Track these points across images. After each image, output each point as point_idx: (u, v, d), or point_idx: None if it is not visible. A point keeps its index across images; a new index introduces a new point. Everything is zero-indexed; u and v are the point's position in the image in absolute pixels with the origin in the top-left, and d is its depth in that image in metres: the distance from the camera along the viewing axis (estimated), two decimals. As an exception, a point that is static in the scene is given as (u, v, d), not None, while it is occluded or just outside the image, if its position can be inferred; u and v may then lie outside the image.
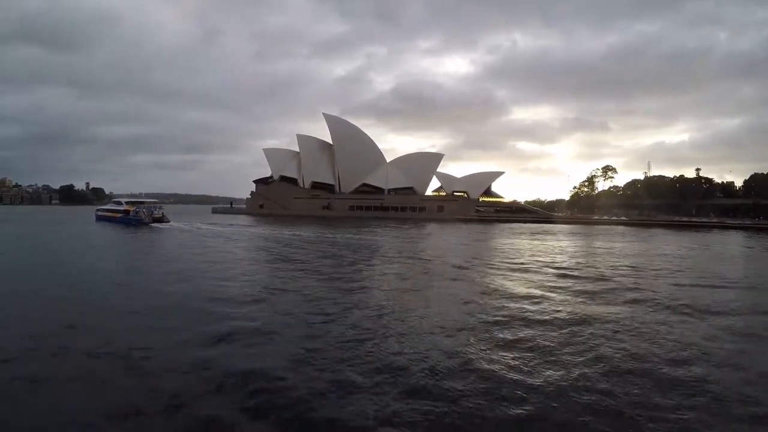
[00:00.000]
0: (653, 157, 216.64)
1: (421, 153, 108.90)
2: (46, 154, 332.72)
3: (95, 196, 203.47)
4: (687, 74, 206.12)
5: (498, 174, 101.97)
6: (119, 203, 57.42)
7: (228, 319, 10.77)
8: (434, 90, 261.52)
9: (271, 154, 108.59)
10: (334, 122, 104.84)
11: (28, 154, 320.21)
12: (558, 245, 34.50)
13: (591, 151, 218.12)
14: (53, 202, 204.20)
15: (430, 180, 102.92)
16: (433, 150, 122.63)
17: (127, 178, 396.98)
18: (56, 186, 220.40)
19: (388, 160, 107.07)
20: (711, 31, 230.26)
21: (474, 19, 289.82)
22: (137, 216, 50.18)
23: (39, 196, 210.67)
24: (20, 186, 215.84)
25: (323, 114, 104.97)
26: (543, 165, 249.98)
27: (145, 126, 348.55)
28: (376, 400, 6.43)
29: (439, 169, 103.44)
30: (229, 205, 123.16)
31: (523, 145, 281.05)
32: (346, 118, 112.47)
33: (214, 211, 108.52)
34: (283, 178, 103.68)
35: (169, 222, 50.54)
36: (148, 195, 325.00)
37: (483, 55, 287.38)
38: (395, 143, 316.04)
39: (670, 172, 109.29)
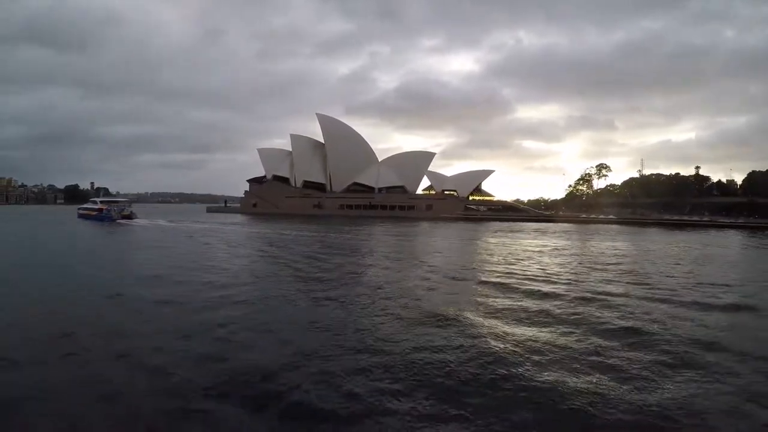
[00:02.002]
0: (660, 156, 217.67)
1: (413, 152, 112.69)
2: (51, 154, 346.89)
3: (99, 195, 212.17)
4: (693, 72, 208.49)
5: (488, 172, 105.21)
6: (95, 202, 66.10)
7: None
8: (438, 88, 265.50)
9: (264, 153, 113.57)
10: (326, 122, 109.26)
11: (34, 155, 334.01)
12: (496, 241, 38.23)
13: (597, 150, 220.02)
14: (58, 201, 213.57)
15: (421, 179, 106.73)
16: (439, 149, 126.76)
17: (132, 178, 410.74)
18: (61, 186, 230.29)
19: (380, 159, 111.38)
20: (717, 28, 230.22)
21: (477, 17, 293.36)
22: (108, 214, 58.99)
23: (44, 196, 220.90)
24: (26, 186, 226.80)
25: (316, 114, 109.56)
26: (548, 164, 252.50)
27: (150, 126, 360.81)
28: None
29: (441, 169, 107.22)
30: (224, 204, 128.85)
31: (529, 144, 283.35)
32: (350, 117, 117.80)
33: (209, 210, 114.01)
34: (276, 178, 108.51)
35: (136, 219, 59.37)
36: (153, 194, 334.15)
37: (487, 53, 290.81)
38: (400, 142, 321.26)
39: (678, 171, 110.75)
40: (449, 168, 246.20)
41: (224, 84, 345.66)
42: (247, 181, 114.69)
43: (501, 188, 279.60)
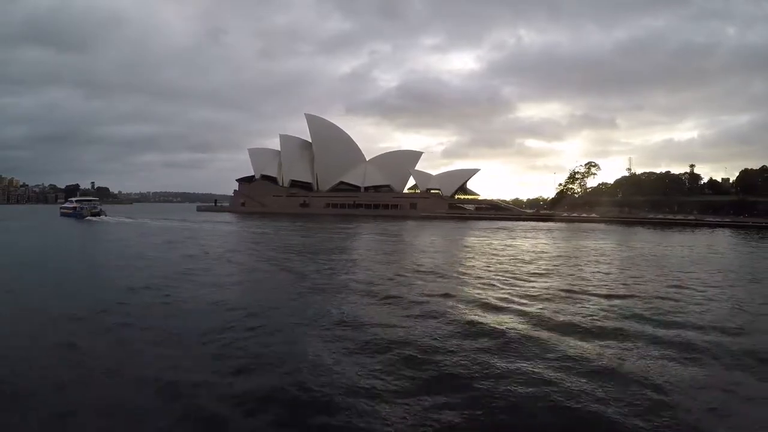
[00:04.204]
0: (662, 155, 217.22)
1: (400, 151, 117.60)
2: (54, 154, 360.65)
3: (99, 195, 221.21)
4: (695, 70, 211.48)
5: (473, 171, 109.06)
6: (71, 202, 77.34)
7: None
8: (440, 87, 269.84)
9: (254, 153, 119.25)
10: (314, 122, 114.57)
11: (37, 155, 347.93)
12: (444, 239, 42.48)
13: (600, 149, 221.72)
14: (59, 201, 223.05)
15: (407, 178, 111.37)
16: (441, 147, 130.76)
17: (135, 178, 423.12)
18: (63, 186, 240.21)
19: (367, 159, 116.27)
20: (718, 26, 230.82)
21: (478, 15, 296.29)
22: (80, 211, 69.89)
23: (45, 196, 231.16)
24: (27, 186, 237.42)
25: (305, 114, 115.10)
26: (550, 162, 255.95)
27: (152, 125, 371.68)
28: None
29: (443, 168, 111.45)
30: (214, 203, 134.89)
31: (531, 143, 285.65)
32: (351, 116, 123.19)
33: (199, 209, 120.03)
34: (264, 177, 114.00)
35: (104, 216, 69.53)
36: (155, 194, 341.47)
37: (488, 51, 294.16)
38: (401, 141, 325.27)
39: (680, 170, 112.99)
40: (451, 166, 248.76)
41: (225, 83, 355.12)
42: (237, 180, 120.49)
43: (501, 187, 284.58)
